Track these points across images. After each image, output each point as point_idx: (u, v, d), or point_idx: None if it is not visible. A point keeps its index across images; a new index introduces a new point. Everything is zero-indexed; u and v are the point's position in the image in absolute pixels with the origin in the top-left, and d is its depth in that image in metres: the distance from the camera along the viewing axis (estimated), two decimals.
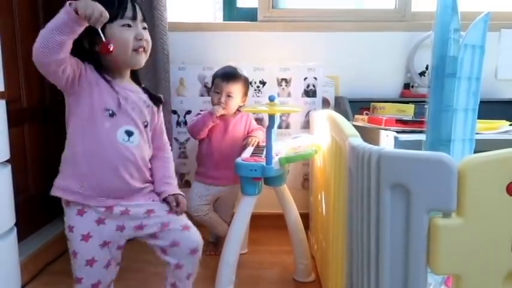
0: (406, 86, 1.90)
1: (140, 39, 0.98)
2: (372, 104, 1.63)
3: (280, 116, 1.86)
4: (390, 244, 0.63)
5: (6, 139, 1.00)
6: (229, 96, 1.53)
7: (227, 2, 2.05)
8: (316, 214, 1.52)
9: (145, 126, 1.04)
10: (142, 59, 1.01)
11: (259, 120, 1.87)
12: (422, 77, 1.88)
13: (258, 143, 1.54)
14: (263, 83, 1.87)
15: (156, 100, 1.09)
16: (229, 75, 1.54)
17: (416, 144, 1.09)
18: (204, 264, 1.57)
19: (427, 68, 1.87)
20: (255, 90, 1.87)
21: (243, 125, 1.62)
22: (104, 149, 0.95)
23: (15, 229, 1.03)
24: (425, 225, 0.60)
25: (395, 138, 1.18)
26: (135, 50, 0.98)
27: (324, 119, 1.26)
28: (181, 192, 1.09)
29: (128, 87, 1.03)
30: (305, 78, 1.87)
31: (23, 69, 1.53)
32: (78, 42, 0.93)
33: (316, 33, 1.88)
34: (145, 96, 1.06)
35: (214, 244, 1.69)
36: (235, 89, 1.54)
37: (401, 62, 1.89)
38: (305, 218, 1.59)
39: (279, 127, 1.87)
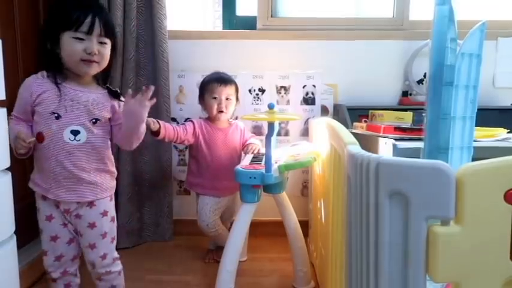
0: (405, 93, 1.91)
1: (89, 53, 1.06)
2: (371, 111, 1.64)
3: (280, 124, 1.87)
4: (389, 251, 0.63)
5: (7, 147, 1.00)
6: (227, 99, 1.53)
7: (226, 10, 2.07)
8: (315, 221, 1.52)
9: (94, 123, 1.12)
10: (91, 69, 1.09)
11: (258, 128, 1.88)
12: (420, 84, 1.89)
13: (259, 150, 1.54)
14: (262, 90, 1.88)
15: (114, 94, 1.18)
16: (225, 78, 1.55)
17: (415, 152, 1.10)
18: (203, 272, 1.57)
19: (425, 76, 1.88)
20: (254, 97, 1.88)
21: (239, 134, 1.62)
22: (52, 149, 1.08)
23: (15, 237, 1.03)
24: (424, 232, 0.61)
25: (394, 146, 1.18)
26: (84, 61, 1.07)
27: (323, 126, 1.26)
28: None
29: (78, 89, 1.11)
30: (304, 86, 1.88)
31: (23, 77, 1.53)
32: (43, 44, 1.09)
33: (315, 41, 1.89)
34: (98, 95, 1.14)
35: (213, 252, 1.68)
36: (232, 91, 1.55)
37: (400, 70, 1.90)
38: (304, 225, 1.59)
39: (278, 134, 1.88)
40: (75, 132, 1.09)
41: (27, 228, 1.54)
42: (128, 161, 1.75)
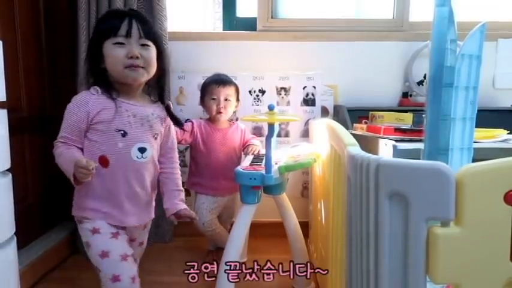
0: (405, 94, 1.91)
1: (131, 57, 1.00)
2: (371, 112, 1.64)
3: (280, 125, 1.87)
4: (389, 253, 0.63)
5: (8, 148, 1.00)
6: (226, 100, 1.54)
7: (226, 11, 2.07)
8: (315, 222, 1.52)
9: (155, 138, 1.10)
10: (139, 75, 1.03)
11: (258, 129, 1.88)
12: (421, 86, 1.89)
13: (259, 151, 1.55)
14: (262, 91, 1.88)
15: (177, 122, 1.18)
16: (223, 79, 1.56)
17: (415, 153, 1.10)
18: (204, 273, 1.57)
19: (425, 77, 1.88)
20: (255, 99, 1.88)
21: (239, 135, 1.62)
22: (120, 169, 1.02)
23: (15, 238, 1.03)
24: (424, 234, 0.61)
25: (394, 147, 1.18)
26: (128, 67, 1.01)
27: (323, 127, 1.26)
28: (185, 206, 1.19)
29: (135, 103, 1.07)
30: (304, 87, 1.88)
31: (23, 78, 1.54)
32: (88, 62, 1.06)
33: (315, 42, 1.89)
34: (155, 109, 1.11)
35: (213, 253, 1.68)
36: (231, 92, 1.55)
37: (400, 71, 1.91)
38: (304, 226, 1.59)
39: (279, 135, 1.88)
40: (142, 150, 1.05)
41: (27, 229, 1.55)
42: None
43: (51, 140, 1.04)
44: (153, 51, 1.05)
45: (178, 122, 1.19)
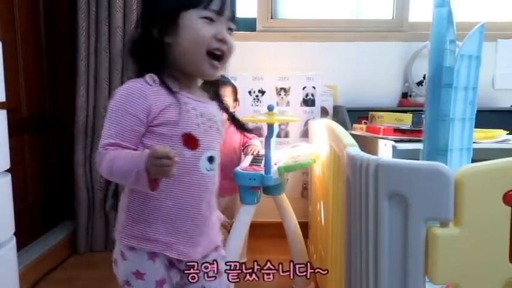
0: (404, 95, 1.91)
1: (220, 40, 0.76)
2: (370, 113, 1.64)
3: (279, 125, 1.87)
4: (388, 253, 0.63)
5: (7, 149, 1.00)
6: None
7: None
8: (315, 223, 1.52)
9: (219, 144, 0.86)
10: (218, 72, 0.80)
11: (258, 129, 1.88)
12: (420, 86, 1.89)
13: (258, 152, 1.54)
14: (262, 92, 1.88)
15: (241, 126, 0.94)
16: (219, 80, 1.54)
17: (414, 153, 1.10)
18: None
19: (424, 78, 1.88)
20: (254, 99, 1.88)
21: (239, 136, 1.62)
22: (186, 184, 0.78)
23: (15, 238, 1.03)
24: (423, 234, 0.60)
25: (394, 147, 1.18)
26: (210, 54, 0.77)
27: (323, 128, 1.26)
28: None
29: (197, 99, 0.81)
30: (304, 88, 1.88)
31: (23, 78, 1.55)
32: (146, 31, 0.77)
33: (314, 43, 1.90)
34: (215, 108, 0.87)
35: None
36: (227, 92, 1.54)
37: (399, 72, 1.91)
38: (304, 227, 1.59)
39: (278, 136, 1.88)
40: (211, 160, 0.81)
41: (27, 230, 1.55)
42: None
43: (51, 140, 1.04)
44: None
45: (243, 126, 0.95)
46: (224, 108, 0.91)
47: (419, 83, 1.89)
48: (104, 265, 1.64)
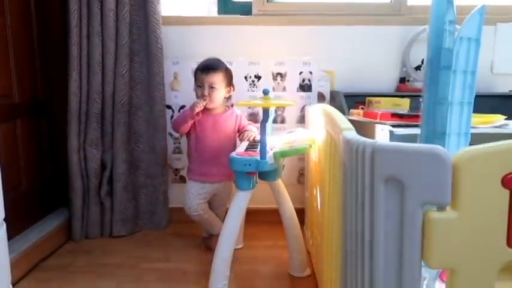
0: (402, 80, 1.89)
1: None
2: (368, 98, 1.62)
3: (276, 111, 1.85)
4: (384, 238, 0.63)
5: None
6: (212, 87, 1.50)
7: None
8: (311, 209, 1.51)
9: None
10: None
11: (254, 115, 1.86)
12: (418, 71, 1.87)
13: (254, 138, 1.52)
14: (258, 77, 1.86)
15: None
16: (209, 66, 1.52)
17: (412, 138, 1.09)
18: (198, 260, 1.57)
19: (422, 62, 1.86)
20: (250, 84, 1.86)
21: (234, 121, 1.60)
22: None
23: (5, 225, 1.01)
24: (420, 218, 0.60)
25: (391, 132, 1.17)
26: None
27: (319, 113, 1.25)
28: None
29: None
30: (300, 73, 1.86)
31: (14, 63, 1.51)
32: None
33: (311, 27, 1.87)
34: None
35: (206, 239, 1.68)
36: (217, 79, 1.51)
37: (397, 56, 1.88)
38: (301, 213, 1.58)
39: (274, 122, 1.86)
40: None
41: (21, 217, 1.54)
42: (122, 149, 1.74)
43: (45, 126, 1.01)
44: None
45: None
46: None
47: (418, 68, 1.87)
48: (99, 252, 1.64)
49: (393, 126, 1.22)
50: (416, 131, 1.01)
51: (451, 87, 0.85)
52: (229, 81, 1.57)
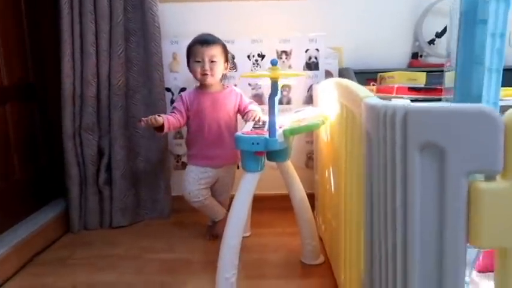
0: (414, 55, 1.79)
1: None
2: (379, 74, 1.53)
3: (281, 91, 1.75)
4: (420, 215, 0.54)
5: None
6: (212, 61, 1.40)
7: None
8: (323, 192, 1.42)
9: None
10: None
11: (258, 97, 1.76)
12: (432, 45, 1.77)
13: (260, 118, 1.42)
14: (262, 56, 1.76)
15: None
16: (207, 39, 1.42)
17: None
18: (205, 249, 1.49)
19: (436, 36, 1.75)
20: (254, 64, 1.76)
21: (233, 100, 1.49)
22: None
23: None
24: (464, 190, 0.51)
25: None
26: None
27: (331, 87, 1.15)
28: None
29: None
30: (306, 50, 1.75)
31: (1, 45, 1.42)
32: None
33: (317, 0, 1.76)
34: None
35: (210, 227, 1.59)
36: (217, 52, 1.41)
37: (409, 30, 1.78)
38: (310, 198, 1.49)
39: (280, 103, 1.76)
40: None
41: (14, 209, 1.46)
42: (120, 134, 1.65)
43: (37, 111, 0.91)
44: None
45: None
46: None
47: (431, 42, 1.77)
48: (98, 243, 1.56)
49: (411, 100, 1.12)
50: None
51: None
52: (227, 57, 1.48)
